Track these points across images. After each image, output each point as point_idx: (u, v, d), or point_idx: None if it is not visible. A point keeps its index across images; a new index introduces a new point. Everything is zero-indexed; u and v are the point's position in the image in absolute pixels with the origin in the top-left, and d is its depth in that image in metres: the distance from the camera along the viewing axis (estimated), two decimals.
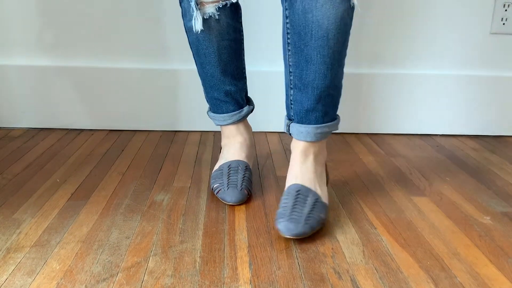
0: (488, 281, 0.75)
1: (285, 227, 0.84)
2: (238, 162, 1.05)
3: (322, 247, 0.83)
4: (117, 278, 0.73)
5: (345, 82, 1.50)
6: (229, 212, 0.96)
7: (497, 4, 1.47)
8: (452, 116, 1.54)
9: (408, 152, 1.37)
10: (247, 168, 1.05)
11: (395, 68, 1.51)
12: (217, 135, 1.48)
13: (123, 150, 1.32)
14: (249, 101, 1.11)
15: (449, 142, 1.49)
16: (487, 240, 0.87)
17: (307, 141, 0.93)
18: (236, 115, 1.07)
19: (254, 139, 1.45)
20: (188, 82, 1.48)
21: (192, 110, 1.50)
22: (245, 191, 0.99)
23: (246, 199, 1.00)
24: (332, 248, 0.83)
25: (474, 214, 0.98)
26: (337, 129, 0.96)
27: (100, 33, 1.44)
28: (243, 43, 1.05)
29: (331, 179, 1.14)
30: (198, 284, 0.72)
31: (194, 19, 0.94)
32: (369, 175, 1.18)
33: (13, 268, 0.75)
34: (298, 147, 0.94)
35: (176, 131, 1.51)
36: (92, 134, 1.45)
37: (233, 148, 1.08)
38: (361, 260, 0.80)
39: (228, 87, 1.04)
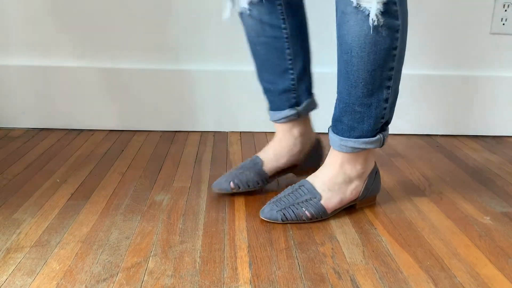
0: (488, 281, 0.75)
1: (262, 208, 0.92)
2: (252, 160, 1.06)
3: (322, 247, 0.83)
4: (117, 278, 0.73)
5: None
6: (229, 212, 0.96)
7: (497, 5, 1.47)
8: (452, 116, 1.54)
9: (408, 152, 1.37)
10: (254, 166, 1.04)
11: None
12: (217, 135, 1.48)
13: (123, 150, 1.32)
14: (298, 104, 1.03)
15: (449, 142, 1.49)
16: (487, 240, 0.87)
17: (334, 148, 0.94)
18: (274, 115, 1.04)
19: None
20: (188, 82, 1.48)
21: (192, 111, 1.50)
22: (231, 184, 1.01)
23: (229, 192, 1.02)
24: (332, 248, 0.83)
25: (474, 214, 0.98)
26: (373, 146, 0.92)
27: (100, 33, 1.44)
28: (287, 41, 0.98)
29: None
30: (198, 284, 0.72)
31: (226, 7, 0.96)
32: None
33: (13, 268, 0.75)
34: (330, 150, 0.96)
35: (176, 131, 1.51)
36: (92, 134, 1.45)
37: (268, 145, 1.08)
38: (361, 260, 0.80)
39: (266, 84, 1.03)
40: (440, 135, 1.56)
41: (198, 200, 1.01)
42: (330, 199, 0.93)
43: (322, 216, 0.92)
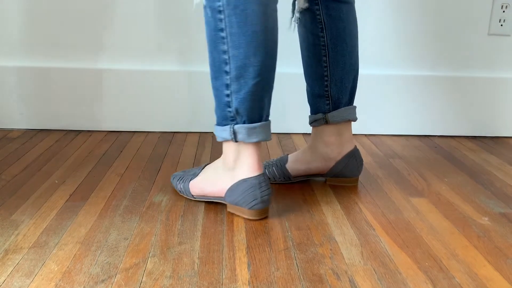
0: (486, 281, 0.75)
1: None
2: (281, 157, 1.14)
3: (321, 248, 0.83)
4: (115, 279, 0.73)
5: None
6: (227, 213, 0.96)
7: (495, 6, 1.47)
8: (450, 117, 1.55)
9: (406, 153, 1.37)
10: (278, 163, 1.13)
11: (393, 69, 1.51)
12: (215, 136, 1.48)
13: (121, 151, 1.31)
14: (329, 111, 1.07)
15: (447, 143, 1.49)
16: (485, 241, 0.88)
17: None
18: (309, 118, 1.10)
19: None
20: (187, 83, 1.48)
21: (190, 111, 1.50)
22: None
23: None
24: (331, 249, 0.83)
25: (472, 215, 0.98)
26: (221, 137, 0.93)
27: (99, 34, 1.44)
28: (323, 49, 1.03)
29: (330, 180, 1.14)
30: (197, 285, 0.72)
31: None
32: (367, 176, 1.18)
33: (11, 269, 0.75)
34: None
35: (174, 132, 1.51)
36: (91, 135, 1.45)
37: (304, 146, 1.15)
38: (360, 261, 0.80)
39: (307, 87, 1.09)
40: (438, 135, 1.56)
41: (196, 201, 1.01)
42: (196, 182, 0.99)
43: (185, 194, 1.02)
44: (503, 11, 1.48)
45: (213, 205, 0.99)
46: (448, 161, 1.31)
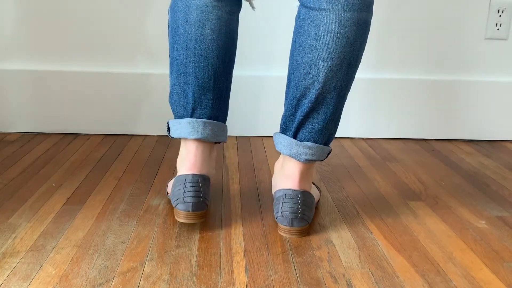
0: (483, 284, 0.75)
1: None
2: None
3: (318, 251, 0.83)
4: (113, 283, 0.73)
5: None
6: (225, 216, 0.96)
7: (491, 10, 1.48)
8: (447, 121, 1.55)
9: (403, 157, 1.38)
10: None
11: (391, 73, 1.52)
12: None
13: (119, 155, 1.31)
14: None
15: (444, 146, 1.50)
16: (482, 244, 0.88)
17: None
18: None
19: (251, 143, 1.45)
20: None
21: None
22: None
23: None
24: (328, 252, 0.83)
25: (469, 218, 0.99)
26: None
27: (96, 37, 1.45)
28: None
29: (326, 183, 1.14)
30: None
31: None
32: (365, 180, 1.18)
33: (8, 273, 0.75)
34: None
35: None
36: (88, 139, 1.45)
37: None
38: (357, 264, 0.80)
39: None
40: (435, 139, 1.57)
41: None
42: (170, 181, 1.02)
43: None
44: (500, 15, 1.49)
45: (211, 208, 0.99)
46: (445, 165, 1.32)
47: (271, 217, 0.96)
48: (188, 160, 0.89)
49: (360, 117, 1.53)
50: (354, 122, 1.53)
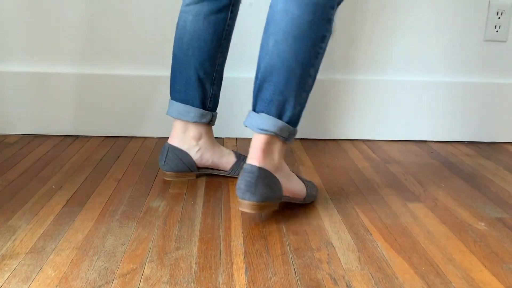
0: (483, 286, 0.75)
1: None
2: None
3: (318, 253, 0.83)
4: (112, 285, 0.73)
5: (339, 88, 1.50)
6: (225, 218, 0.96)
7: (491, 11, 1.48)
8: (446, 123, 1.55)
9: (403, 158, 1.38)
10: None
11: (390, 75, 1.52)
12: None
13: (118, 157, 1.31)
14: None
15: (444, 148, 1.50)
16: (482, 246, 0.88)
17: None
18: None
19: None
20: None
21: None
22: None
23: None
24: (328, 254, 0.83)
25: (469, 220, 0.99)
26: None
27: (96, 39, 1.45)
28: None
29: (326, 184, 1.14)
30: None
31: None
32: (364, 181, 1.18)
33: (8, 275, 0.75)
34: None
35: None
36: (88, 141, 1.45)
37: None
38: (357, 266, 0.80)
39: None
40: (434, 141, 1.57)
41: (194, 206, 1.01)
42: None
43: None
44: (499, 17, 1.49)
45: (211, 210, 0.99)
46: (445, 167, 1.32)
47: (271, 219, 0.96)
48: (172, 131, 1.14)
49: (360, 119, 1.53)
50: (353, 124, 1.54)
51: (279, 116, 0.92)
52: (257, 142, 0.93)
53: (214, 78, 1.12)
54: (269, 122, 0.91)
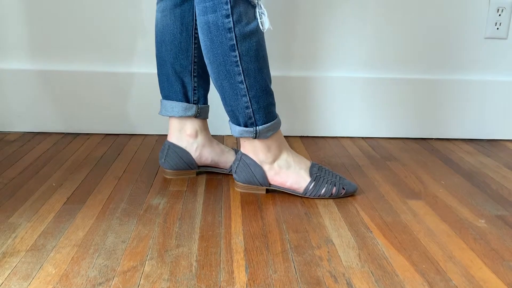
0: (483, 283, 0.75)
1: None
2: None
3: (318, 250, 0.84)
4: (113, 282, 0.73)
5: (340, 86, 1.50)
6: (225, 216, 0.96)
7: (491, 9, 1.48)
8: (446, 120, 1.55)
9: (403, 156, 1.38)
10: None
11: (391, 72, 1.52)
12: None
13: (119, 154, 1.32)
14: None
15: (443, 145, 1.50)
16: (482, 243, 0.88)
17: None
18: None
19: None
20: None
21: None
22: None
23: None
24: (328, 252, 0.83)
25: (469, 217, 0.99)
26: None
27: (96, 37, 1.45)
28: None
29: None
30: None
31: (261, 18, 0.98)
32: (364, 179, 1.18)
33: (8, 272, 0.75)
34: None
35: None
36: (88, 138, 1.45)
37: None
38: (357, 264, 0.80)
39: None
40: (435, 138, 1.57)
41: (194, 203, 1.01)
42: None
43: None
44: (499, 15, 1.49)
45: (211, 208, 0.99)
46: (445, 164, 1.32)
47: (271, 216, 0.96)
48: (169, 130, 1.16)
49: (360, 116, 1.53)
50: (354, 121, 1.54)
51: (237, 123, 1.03)
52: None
53: (193, 70, 1.12)
54: (233, 129, 1.04)
